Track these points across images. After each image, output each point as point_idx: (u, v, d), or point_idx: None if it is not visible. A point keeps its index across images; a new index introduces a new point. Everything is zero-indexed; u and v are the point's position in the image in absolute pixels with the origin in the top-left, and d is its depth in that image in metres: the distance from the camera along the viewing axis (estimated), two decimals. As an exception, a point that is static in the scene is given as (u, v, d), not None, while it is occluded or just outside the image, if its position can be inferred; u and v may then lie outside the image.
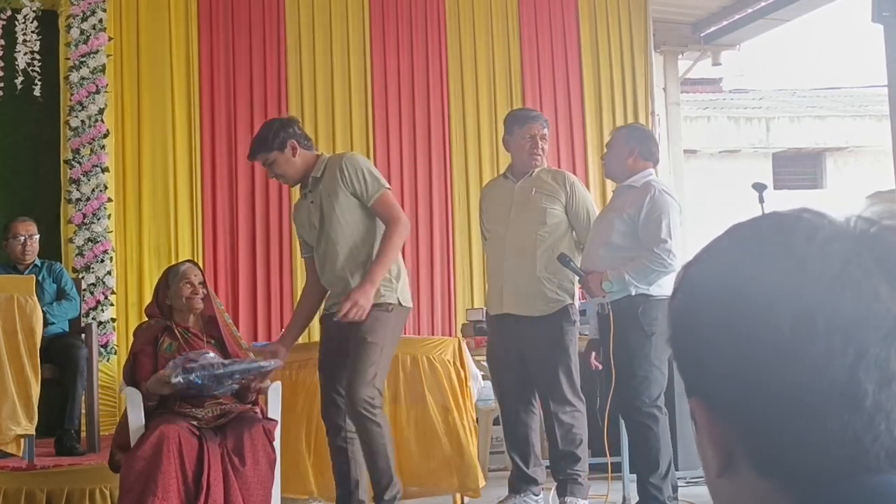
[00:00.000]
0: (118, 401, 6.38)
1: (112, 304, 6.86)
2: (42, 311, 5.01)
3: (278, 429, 4.32)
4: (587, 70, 8.12)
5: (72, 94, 6.90)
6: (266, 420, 4.29)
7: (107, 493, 4.81)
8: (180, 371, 4.08)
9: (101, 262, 6.83)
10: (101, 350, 6.54)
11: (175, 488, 3.97)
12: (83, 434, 5.67)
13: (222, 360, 4.25)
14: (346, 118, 7.62)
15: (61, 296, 5.81)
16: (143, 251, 7.10)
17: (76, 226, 6.82)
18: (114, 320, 6.86)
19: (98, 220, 6.85)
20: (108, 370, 6.66)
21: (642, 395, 4.57)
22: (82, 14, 6.95)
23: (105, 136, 6.93)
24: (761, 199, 4.54)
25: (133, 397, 4.26)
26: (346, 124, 7.61)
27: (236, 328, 6.48)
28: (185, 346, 4.32)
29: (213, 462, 4.05)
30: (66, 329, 5.78)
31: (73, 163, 6.86)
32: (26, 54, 6.81)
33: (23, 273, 5.72)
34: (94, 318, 6.60)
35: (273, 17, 7.54)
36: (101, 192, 6.88)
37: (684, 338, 0.79)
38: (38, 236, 5.92)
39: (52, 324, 5.55)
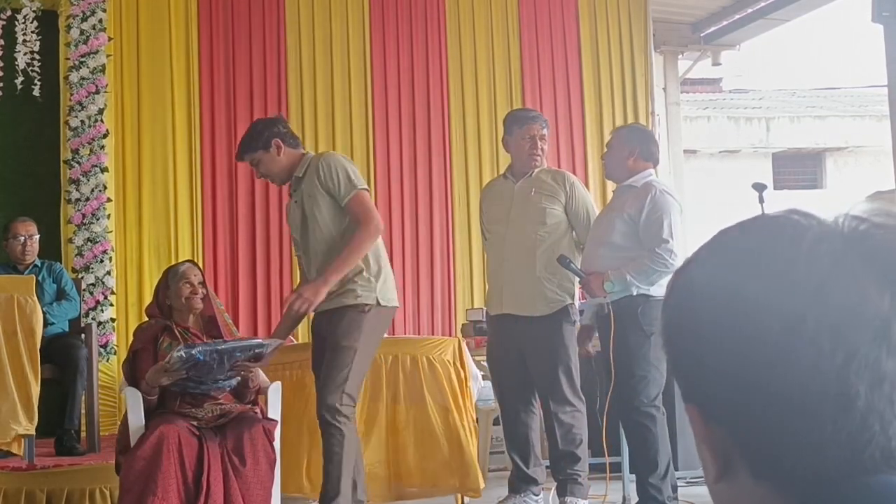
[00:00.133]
0: (118, 401, 6.38)
1: (112, 304, 6.86)
2: (42, 312, 5.01)
3: (278, 429, 4.31)
4: (587, 70, 8.12)
5: (71, 95, 6.90)
6: (266, 420, 4.29)
7: (107, 493, 4.81)
8: (182, 347, 4.08)
9: (101, 262, 6.83)
10: (101, 350, 6.54)
11: (175, 488, 3.97)
12: (83, 434, 5.66)
13: (224, 340, 4.27)
14: (346, 118, 7.62)
15: (61, 296, 5.81)
16: (143, 251, 7.10)
17: (76, 226, 6.82)
18: (113, 320, 6.86)
19: (98, 220, 6.85)
20: (108, 370, 6.66)
21: (640, 395, 4.57)
22: (82, 14, 6.95)
23: (105, 136, 6.93)
24: (761, 199, 4.53)
25: (133, 397, 4.25)
26: (346, 124, 7.61)
27: (236, 328, 6.47)
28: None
29: (213, 462, 4.05)
30: (66, 329, 5.78)
31: (72, 163, 6.86)
32: (26, 54, 6.81)
33: (23, 273, 5.71)
34: (93, 318, 6.60)
35: (273, 17, 7.54)
36: (100, 192, 6.88)
37: (677, 344, 0.79)
38: (38, 236, 5.91)
39: (52, 324, 5.55)
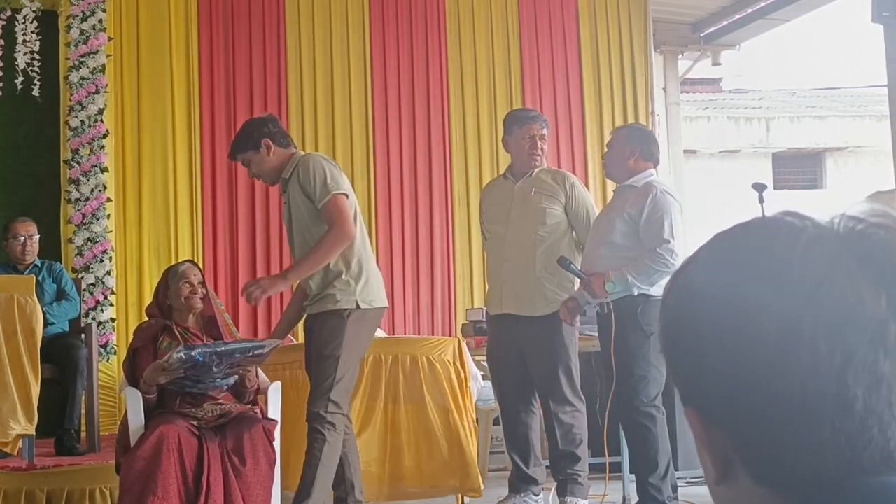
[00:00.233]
0: (118, 401, 6.38)
1: (112, 304, 6.86)
2: (42, 312, 5.01)
3: (278, 429, 4.31)
4: (587, 70, 8.12)
5: (71, 95, 6.90)
6: (266, 420, 4.29)
7: (107, 493, 4.81)
8: (182, 348, 4.08)
9: (101, 262, 6.83)
10: (101, 350, 6.54)
11: (175, 488, 3.97)
12: (83, 434, 5.66)
13: (223, 341, 4.28)
14: (346, 118, 7.62)
15: (61, 296, 5.81)
16: (143, 251, 7.10)
17: (76, 226, 6.82)
18: (113, 320, 6.86)
19: (97, 220, 6.85)
20: (108, 370, 6.66)
21: (640, 395, 4.57)
22: (82, 14, 6.95)
23: (105, 136, 6.92)
24: (761, 200, 4.52)
25: (133, 397, 4.26)
26: (346, 124, 7.61)
27: (236, 328, 6.47)
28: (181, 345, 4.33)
29: (213, 462, 4.05)
30: (66, 329, 5.78)
31: (72, 163, 6.86)
32: (26, 54, 6.81)
33: (23, 273, 5.71)
34: (93, 319, 6.60)
35: (273, 17, 7.54)
36: (100, 192, 6.87)
37: (676, 346, 0.79)
38: (38, 236, 5.91)
39: (52, 324, 5.55)
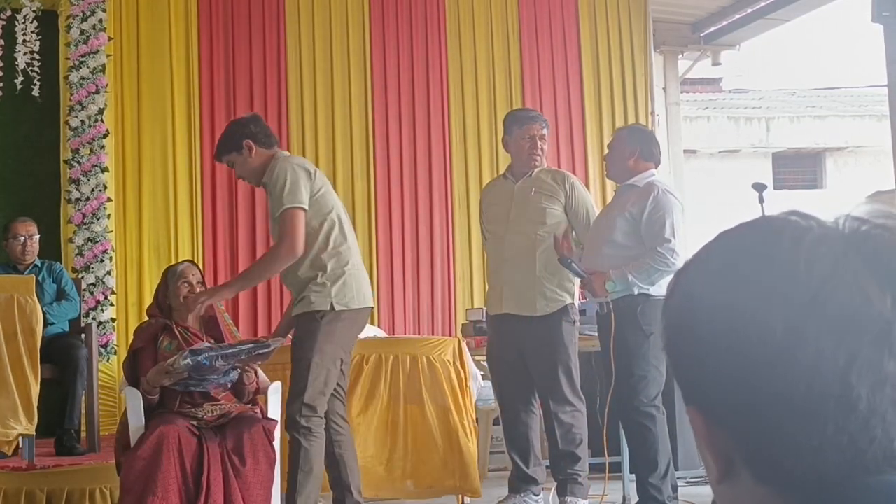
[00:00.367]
0: (118, 401, 6.38)
1: (112, 304, 6.86)
2: (42, 312, 5.01)
3: (278, 429, 4.31)
4: (587, 70, 8.12)
5: (72, 94, 6.90)
6: (266, 420, 4.29)
7: (107, 493, 4.81)
8: (188, 354, 4.08)
9: (101, 262, 6.83)
10: (101, 350, 6.54)
11: (175, 488, 3.97)
12: (83, 434, 5.66)
13: (228, 343, 4.28)
14: (346, 118, 7.62)
15: (61, 296, 5.81)
16: (143, 251, 7.10)
17: (76, 226, 6.82)
18: (114, 320, 6.86)
19: (98, 220, 6.85)
20: (108, 370, 6.66)
21: (640, 395, 4.57)
22: (82, 14, 6.95)
23: (105, 136, 6.93)
24: (761, 199, 4.52)
25: (133, 397, 4.26)
26: (346, 124, 7.61)
27: (236, 328, 6.47)
28: (184, 346, 4.32)
29: (213, 462, 4.05)
30: (66, 329, 5.78)
31: (72, 163, 6.86)
32: (26, 54, 6.81)
33: (23, 273, 5.71)
34: (93, 319, 6.60)
35: (273, 17, 7.54)
36: (100, 192, 6.88)
37: (679, 345, 0.79)
38: (38, 236, 5.91)
39: (52, 324, 5.55)
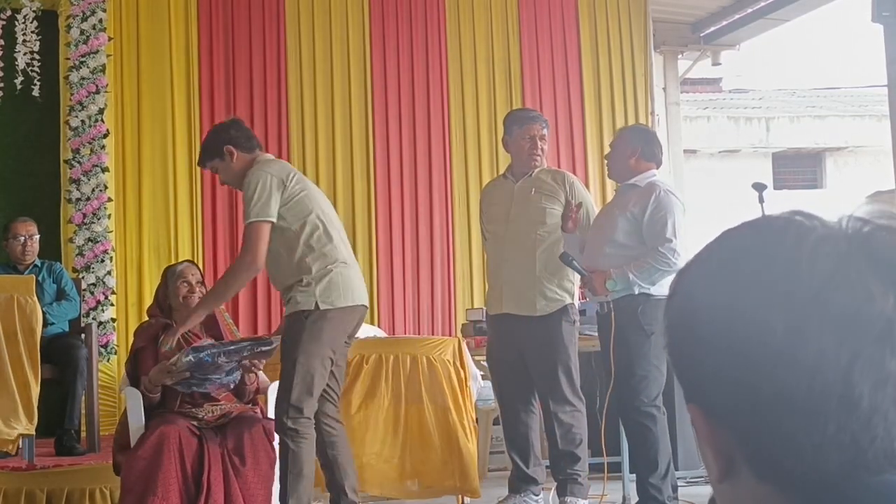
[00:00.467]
0: (118, 401, 6.38)
1: (112, 304, 6.86)
2: (42, 312, 5.01)
3: (278, 429, 4.31)
4: (587, 70, 8.12)
5: (72, 94, 6.90)
6: (266, 420, 4.29)
7: (107, 492, 4.81)
8: (190, 351, 4.08)
9: (101, 262, 6.83)
10: (101, 350, 6.54)
11: (176, 488, 3.98)
12: (83, 434, 5.67)
13: (229, 341, 4.27)
14: (346, 118, 7.62)
15: (61, 296, 5.81)
16: (143, 251, 7.10)
17: (76, 226, 6.82)
18: (114, 320, 6.86)
19: (98, 219, 6.85)
20: (108, 370, 6.66)
21: (641, 395, 4.57)
22: (82, 14, 6.95)
23: (105, 135, 6.93)
24: (761, 199, 4.53)
25: (132, 397, 4.26)
26: (345, 124, 7.61)
27: (236, 328, 6.47)
28: (184, 345, 4.33)
29: (213, 462, 4.06)
30: (66, 329, 5.78)
31: (73, 163, 6.86)
32: (26, 54, 6.81)
33: (23, 273, 5.71)
34: (94, 319, 6.60)
35: (273, 17, 7.54)
36: (101, 191, 6.87)
37: (681, 343, 0.79)
38: (38, 236, 5.91)
39: (52, 324, 5.55)
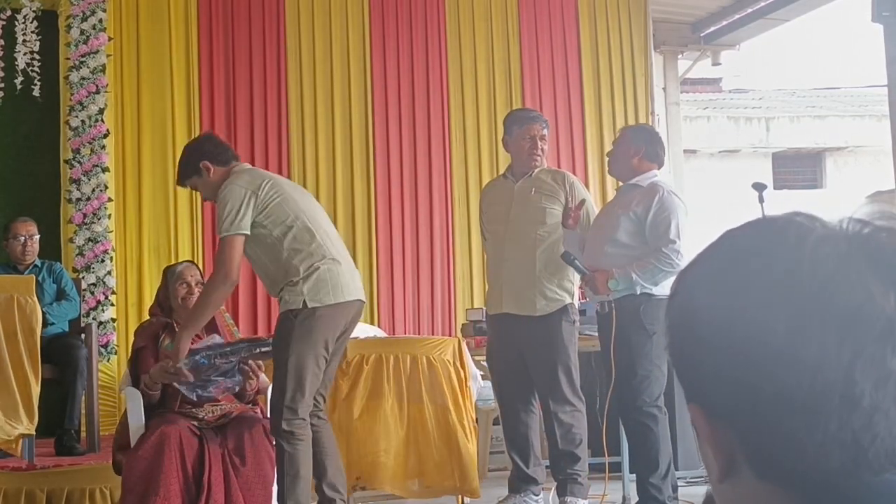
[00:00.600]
0: (118, 401, 6.38)
1: (112, 305, 6.86)
2: (42, 312, 5.01)
3: (278, 429, 4.31)
4: (587, 70, 8.12)
5: (72, 94, 6.90)
6: (266, 420, 4.29)
7: (107, 492, 4.81)
8: (189, 355, 4.08)
9: (102, 262, 6.83)
10: (101, 350, 6.54)
11: (176, 488, 3.98)
12: (83, 434, 5.67)
13: (227, 342, 4.28)
14: (346, 118, 7.62)
15: (61, 296, 5.81)
16: (143, 251, 7.10)
17: (76, 226, 6.82)
18: (114, 320, 6.86)
19: (98, 220, 6.85)
20: (108, 370, 6.66)
21: (642, 395, 4.56)
22: (82, 14, 6.95)
23: (105, 135, 6.93)
24: (761, 199, 4.53)
25: (133, 397, 4.26)
26: (345, 125, 7.61)
27: (237, 328, 6.47)
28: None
29: (213, 462, 4.06)
30: (66, 329, 5.78)
31: (73, 163, 6.86)
32: (26, 54, 6.81)
33: (23, 273, 5.71)
34: (94, 319, 6.60)
35: (273, 17, 7.54)
36: (101, 192, 6.88)
37: (682, 343, 0.79)
38: (38, 236, 5.91)
39: (52, 324, 5.55)
